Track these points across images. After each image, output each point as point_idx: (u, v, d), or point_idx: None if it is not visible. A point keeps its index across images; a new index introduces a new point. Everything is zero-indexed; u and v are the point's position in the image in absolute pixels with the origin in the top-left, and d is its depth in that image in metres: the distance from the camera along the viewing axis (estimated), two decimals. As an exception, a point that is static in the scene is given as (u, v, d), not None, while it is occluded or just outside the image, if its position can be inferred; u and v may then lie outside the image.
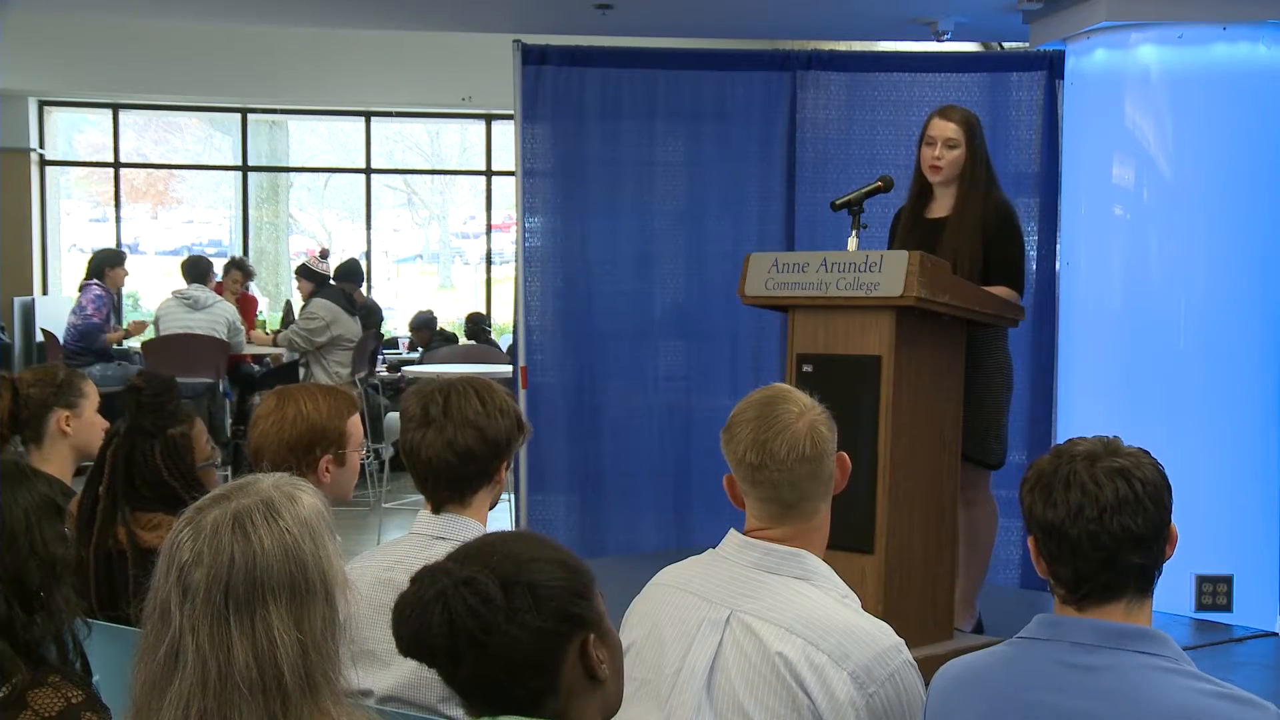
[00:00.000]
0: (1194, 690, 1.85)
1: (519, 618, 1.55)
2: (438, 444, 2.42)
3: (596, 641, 1.61)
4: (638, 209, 6.23)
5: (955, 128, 4.33)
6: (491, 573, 1.57)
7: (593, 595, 1.63)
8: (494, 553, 1.60)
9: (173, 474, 3.13)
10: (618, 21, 6.56)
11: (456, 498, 2.48)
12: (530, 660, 1.57)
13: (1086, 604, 1.94)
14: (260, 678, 1.45)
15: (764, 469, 2.21)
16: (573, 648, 1.59)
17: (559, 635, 1.58)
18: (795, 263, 3.97)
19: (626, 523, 6.14)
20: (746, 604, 2.18)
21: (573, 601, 1.60)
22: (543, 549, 1.64)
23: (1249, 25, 4.95)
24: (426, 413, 2.44)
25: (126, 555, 2.99)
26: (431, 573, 1.59)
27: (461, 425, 2.42)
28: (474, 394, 2.46)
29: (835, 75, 6.08)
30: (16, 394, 3.42)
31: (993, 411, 4.30)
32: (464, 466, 2.44)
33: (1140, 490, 1.89)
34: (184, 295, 8.79)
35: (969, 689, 2.02)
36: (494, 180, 13.06)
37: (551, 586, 1.58)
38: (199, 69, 11.39)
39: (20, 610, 1.93)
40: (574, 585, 1.61)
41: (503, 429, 2.46)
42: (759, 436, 2.22)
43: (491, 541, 1.64)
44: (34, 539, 1.95)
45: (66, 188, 13.43)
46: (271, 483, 1.55)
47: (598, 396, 6.19)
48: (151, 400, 3.20)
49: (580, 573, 1.63)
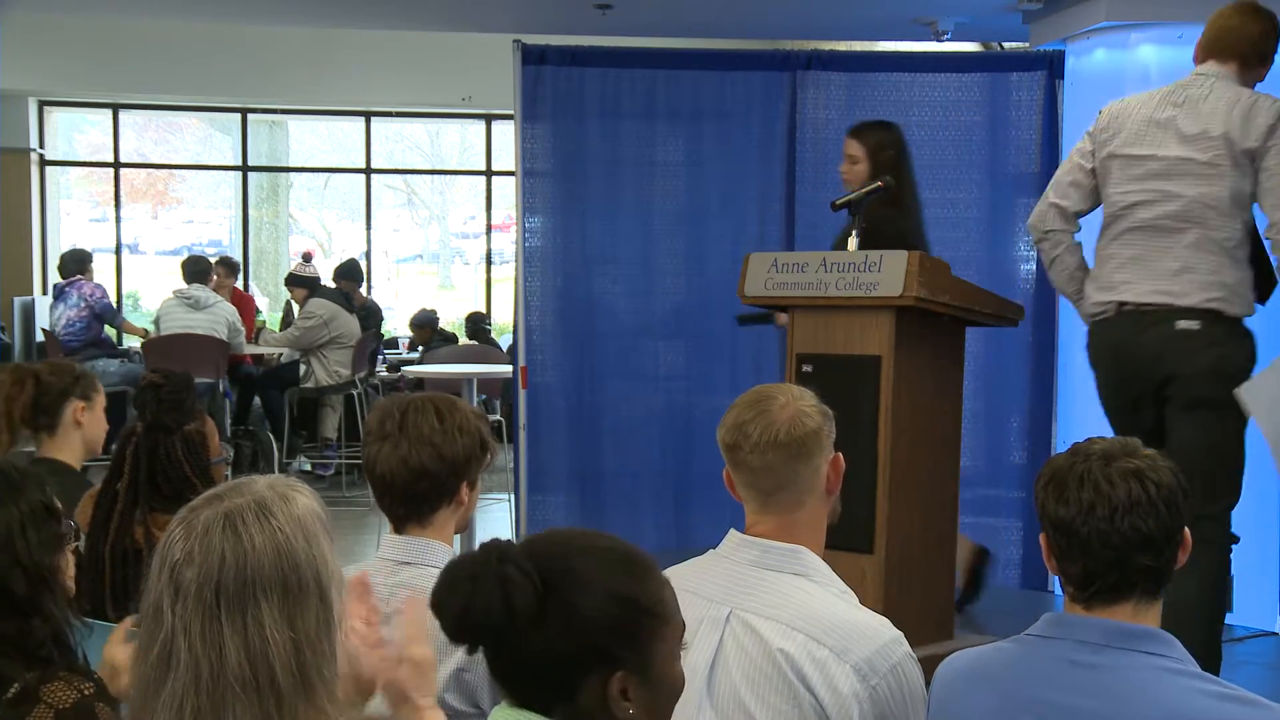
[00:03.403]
0: (1199, 691, 1.85)
1: (542, 633, 1.53)
2: (392, 460, 2.36)
3: (628, 680, 1.55)
4: (638, 209, 6.23)
5: (857, 144, 4.62)
6: (540, 578, 1.53)
7: (647, 637, 1.57)
8: (562, 559, 1.57)
9: (194, 470, 3.16)
10: (618, 21, 6.57)
11: (415, 516, 2.41)
12: (544, 672, 1.55)
13: (1095, 603, 1.94)
14: (253, 676, 1.45)
15: (738, 450, 2.25)
16: (593, 680, 1.55)
17: (579, 666, 1.55)
18: (795, 263, 3.97)
19: (626, 523, 6.13)
20: (746, 601, 2.18)
21: (611, 640, 1.55)
22: (616, 578, 1.57)
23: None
24: (383, 428, 2.38)
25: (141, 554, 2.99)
26: (487, 549, 1.56)
27: (416, 442, 2.35)
28: (433, 411, 2.39)
29: (835, 75, 6.08)
30: (40, 384, 3.44)
31: None
32: (418, 484, 2.36)
33: (1154, 493, 1.89)
34: (185, 295, 8.81)
35: (975, 683, 2.02)
36: (494, 180, 13.06)
37: (595, 616, 1.54)
38: (199, 69, 11.40)
39: (13, 619, 1.94)
40: (623, 624, 1.55)
41: (461, 448, 2.38)
42: (740, 419, 2.26)
43: (573, 548, 1.60)
44: (19, 547, 1.95)
45: (66, 188, 13.44)
46: (266, 483, 1.55)
47: (598, 396, 6.19)
48: (171, 397, 3.22)
49: (641, 611, 1.57)
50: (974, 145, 5.97)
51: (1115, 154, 3.81)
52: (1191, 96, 3.75)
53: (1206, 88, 3.75)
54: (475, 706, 2.26)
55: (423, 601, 1.66)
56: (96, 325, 9.22)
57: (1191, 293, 3.65)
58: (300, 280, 9.24)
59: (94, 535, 3.11)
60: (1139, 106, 3.82)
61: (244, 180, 12.94)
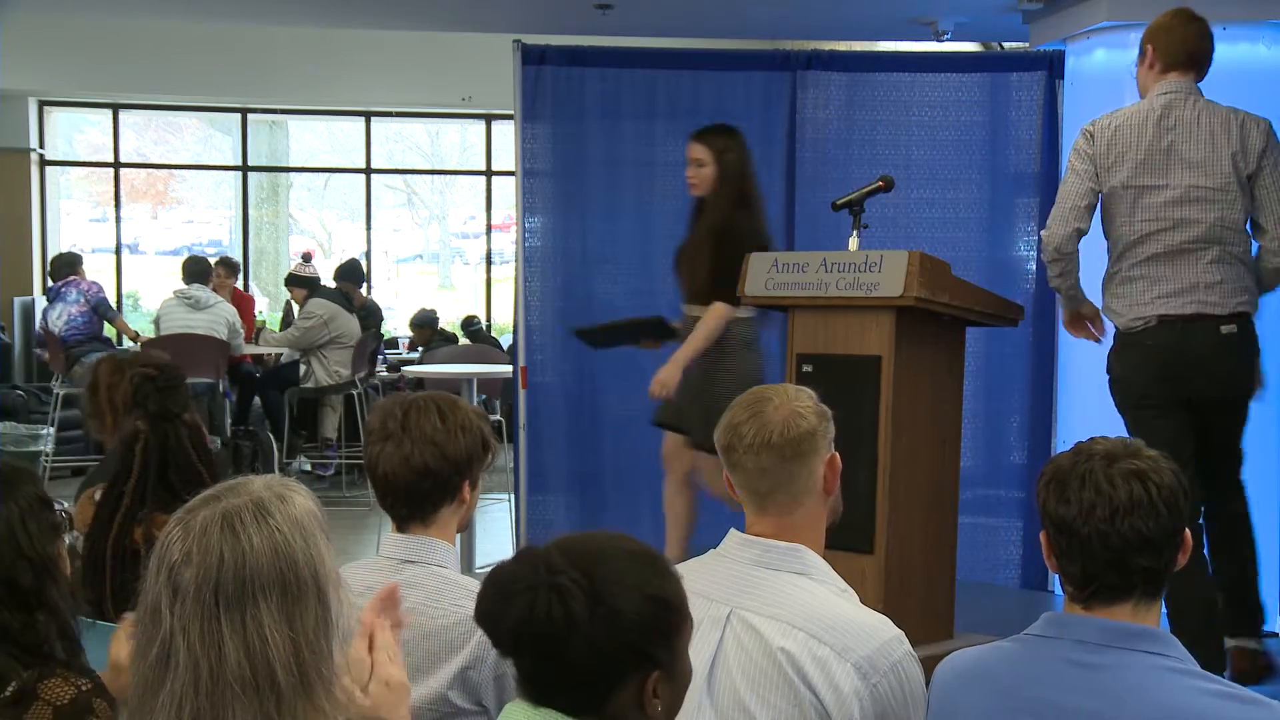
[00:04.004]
0: (1200, 690, 1.85)
1: (593, 638, 1.55)
2: (394, 459, 2.37)
3: (661, 679, 1.60)
4: (638, 209, 6.23)
5: (702, 148, 4.73)
6: (589, 584, 1.56)
7: (676, 634, 1.62)
8: (602, 564, 1.59)
9: (201, 458, 3.17)
10: (618, 21, 6.57)
11: (417, 516, 2.42)
12: (587, 677, 1.57)
13: (1094, 603, 1.94)
14: (253, 676, 1.45)
15: (733, 451, 2.26)
16: (633, 680, 1.59)
17: (622, 665, 1.58)
18: (795, 263, 3.97)
19: (626, 523, 6.12)
20: (747, 601, 2.18)
21: (649, 640, 1.59)
22: (648, 579, 1.61)
23: (1249, 25, 4.95)
24: (385, 427, 2.39)
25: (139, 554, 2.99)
26: (534, 560, 1.59)
27: (419, 441, 2.36)
28: (435, 410, 2.40)
29: (835, 75, 6.08)
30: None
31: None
32: (421, 483, 2.37)
33: (1155, 494, 1.90)
34: (185, 295, 8.81)
35: (975, 682, 2.02)
36: (494, 180, 13.06)
37: (636, 619, 1.57)
38: (199, 69, 11.40)
39: (19, 613, 1.94)
40: (659, 624, 1.60)
41: (463, 447, 2.39)
42: (735, 420, 2.27)
43: (607, 551, 1.62)
44: (22, 540, 1.96)
45: (66, 188, 13.44)
46: (263, 483, 1.55)
47: (597, 397, 6.18)
48: (169, 384, 3.23)
49: (671, 610, 1.62)
50: (974, 145, 5.96)
51: (1128, 185, 4.01)
52: (1182, 119, 3.98)
53: (1191, 107, 4.00)
54: (479, 705, 2.27)
55: (400, 622, 1.71)
56: (97, 321, 9.24)
57: (1226, 301, 3.97)
58: (300, 280, 9.25)
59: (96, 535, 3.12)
60: (1135, 133, 4.01)
61: (244, 180, 12.94)
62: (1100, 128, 4.07)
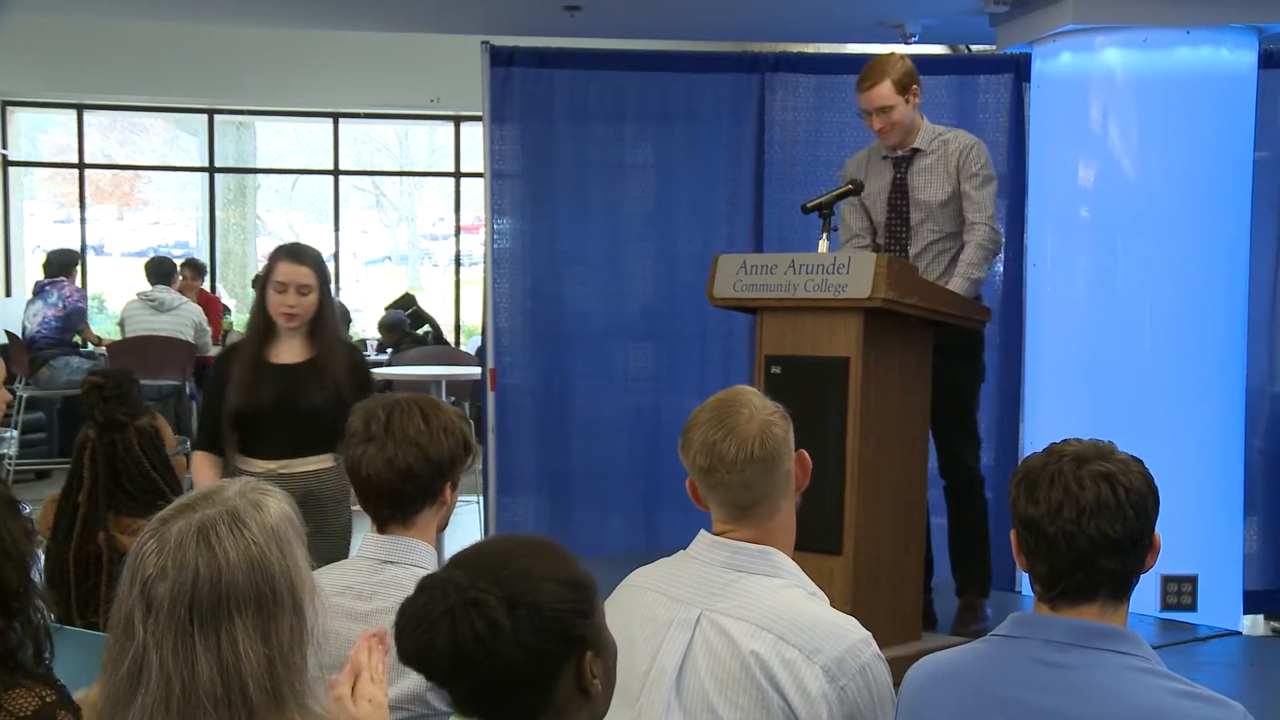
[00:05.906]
0: (1165, 690, 1.87)
1: (522, 639, 1.53)
2: (378, 461, 2.37)
3: (593, 657, 1.60)
4: (606, 210, 6.22)
5: (307, 272, 3.81)
6: (500, 590, 1.54)
7: (594, 611, 1.62)
8: (505, 567, 1.57)
9: (154, 464, 3.14)
10: (586, 23, 6.56)
11: (399, 517, 2.43)
12: (527, 679, 1.56)
13: (1061, 603, 1.96)
14: (225, 693, 1.43)
15: (714, 472, 2.23)
16: (569, 668, 1.58)
17: (558, 657, 1.57)
18: (764, 264, 3.97)
19: (595, 524, 6.13)
20: (716, 603, 2.18)
21: (575, 624, 1.58)
22: (554, 566, 1.60)
23: (1211, 29, 4.99)
24: (368, 429, 2.40)
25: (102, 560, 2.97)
26: (440, 586, 1.56)
27: (403, 443, 2.37)
28: (418, 412, 2.41)
29: (803, 77, 6.09)
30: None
31: None
32: (404, 485, 2.39)
33: (1123, 497, 1.91)
34: (149, 297, 8.75)
35: (944, 684, 2.03)
36: (463, 182, 13.02)
37: (557, 609, 1.56)
38: (165, 69, 11.32)
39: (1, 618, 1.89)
40: (579, 606, 1.59)
41: (446, 449, 2.40)
42: (709, 439, 2.23)
43: (503, 553, 1.60)
44: (6, 539, 1.90)
45: (30, 189, 13.30)
46: (237, 490, 1.53)
47: (566, 398, 6.18)
48: (115, 392, 3.20)
49: (585, 589, 1.61)
50: (941, 147, 5.97)
51: None
52: None
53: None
54: (455, 707, 2.26)
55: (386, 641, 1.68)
56: (69, 327, 9.17)
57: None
58: None
59: (58, 545, 3.09)
60: None
61: (211, 181, 12.86)
62: None
